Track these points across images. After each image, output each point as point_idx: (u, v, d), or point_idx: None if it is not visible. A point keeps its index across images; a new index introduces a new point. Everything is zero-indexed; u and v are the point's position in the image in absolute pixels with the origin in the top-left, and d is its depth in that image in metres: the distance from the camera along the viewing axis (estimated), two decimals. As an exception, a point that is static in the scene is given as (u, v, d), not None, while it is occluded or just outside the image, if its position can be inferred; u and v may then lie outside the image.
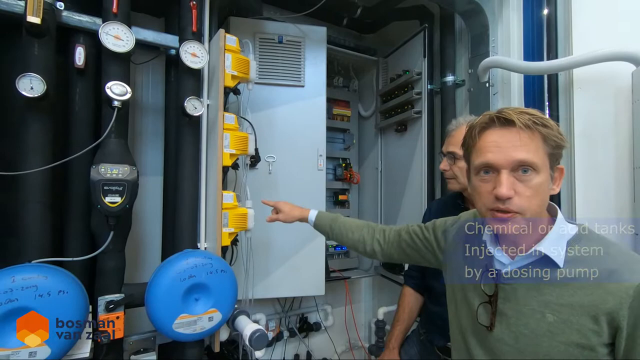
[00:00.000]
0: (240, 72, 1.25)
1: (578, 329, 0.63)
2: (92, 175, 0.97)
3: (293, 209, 1.21)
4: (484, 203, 0.69)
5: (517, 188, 0.65)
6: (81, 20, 1.10)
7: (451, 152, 1.21)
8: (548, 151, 0.66)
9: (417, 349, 1.36)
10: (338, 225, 1.11)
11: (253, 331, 1.05)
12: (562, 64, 1.35)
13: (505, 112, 0.67)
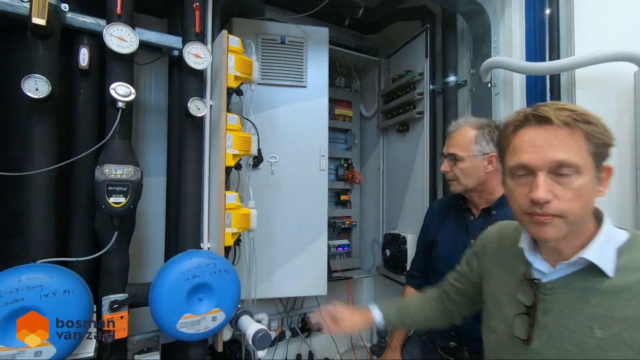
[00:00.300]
0: (243, 72, 1.25)
1: (631, 346, 0.57)
2: (96, 175, 0.98)
3: (353, 314, 1.00)
4: (519, 206, 0.64)
5: (556, 191, 0.59)
6: (85, 22, 1.10)
7: (452, 153, 1.21)
8: (592, 150, 0.60)
9: (419, 349, 1.37)
10: (405, 306, 1.02)
11: (256, 331, 1.06)
12: (564, 65, 1.35)
13: (542, 109, 0.62)
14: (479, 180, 1.18)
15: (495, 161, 1.16)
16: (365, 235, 2.29)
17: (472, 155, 1.17)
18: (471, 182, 1.19)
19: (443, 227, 1.34)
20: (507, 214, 1.16)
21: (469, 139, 1.18)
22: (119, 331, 1.02)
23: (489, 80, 1.66)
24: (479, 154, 1.17)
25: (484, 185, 1.19)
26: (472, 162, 1.17)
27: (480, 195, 1.21)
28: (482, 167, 1.17)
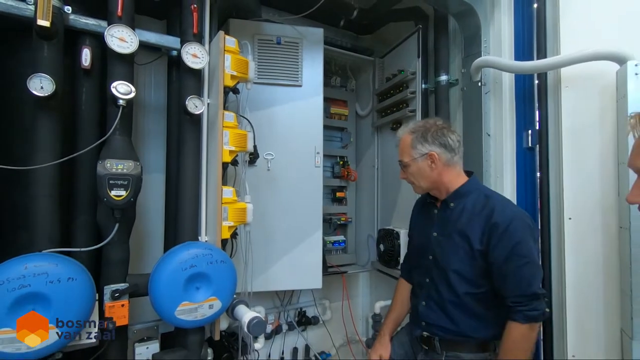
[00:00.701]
0: (239, 72, 1.30)
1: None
2: (98, 170, 1.03)
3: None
4: None
5: None
6: (87, 23, 1.15)
7: (400, 161, 1.31)
8: None
9: (409, 338, 1.43)
10: None
11: (251, 318, 1.11)
12: (549, 64, 1.40)
13: None
14: (430, 178, 1.25)
15: (436, 158, 1.22)
16: (360, 232, 2.34)
17: (414, 158, 1.25)
18: (424, 183, 1.27)
19: (417, 222, 1.45)
20: (465, 205, 1.22)
21: (407, 145, 1.26)
22: (119, 319, 1.06)
23: (479, 79, 1.71)
24: (419, 156, 1.24)
25: (439, 182, 1.26)
26: (416, 165, 1.25)
27: (439, 191, 1.28)
28: (427, 166, 1.24)
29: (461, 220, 1.20)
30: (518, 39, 1.64)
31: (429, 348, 1.26)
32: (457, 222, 1.21)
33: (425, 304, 1.28)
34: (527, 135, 1.54)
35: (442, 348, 1.22)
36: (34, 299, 0.87)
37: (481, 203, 1.19)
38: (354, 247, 2.36)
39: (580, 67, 1.38)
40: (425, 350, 1.28)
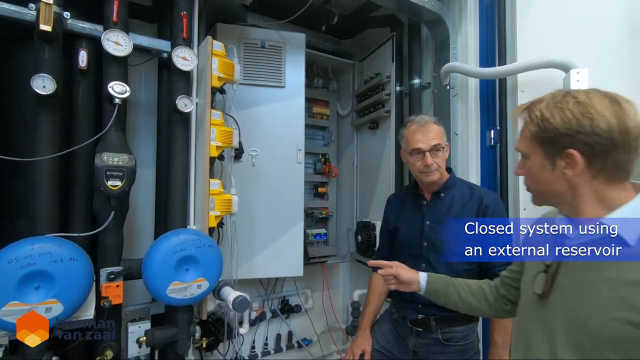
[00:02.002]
0: (225, 74, 1.42)
1: (633, 307, 0.60)
2: (96, 162, 1.13)
3: (410, 271, 1.13)
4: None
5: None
6: (84, 27, 1.25)
7: (436, 144, 1.32)
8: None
9: (390, 327, 1.49)
10: (451, 279, 1.09)
11: (236, 296, 1.23)
12: (506, 70, 1.56)
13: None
14: (443, 168, 1.37)
15: (449, 149, 1.39)
16: (341, 225, 2.48)
17: (446, 144, 1.37)
18: (443, 169, 1.37)
19: (402, 215, 1.49)
20: (453, 195, 1.36)
21: (441, 131, 1.36)
22: (115, 298, 1.17)
23: (448, 82, 1.86)
24: (446, 145, 1.37)
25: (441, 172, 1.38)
26: (444, 153, 1.36)
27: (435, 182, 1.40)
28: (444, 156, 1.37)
29: (453, 207, 1.34)
30: (482, 46, 1.80)
31: (424, 329, 1.35)
32: (449, 209, 1.34)
33: None
34: (490, 134, 1.70)
35: (438, 326, 1.32)
36: (40, 276, 0.97)
37: (468, 192, 1.35)
38: (335, 240, 2.49)
39: (534, 74, 1.54)
40: (418, 332, 1.36)
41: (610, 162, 0.66)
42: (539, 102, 0.71)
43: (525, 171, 0.76)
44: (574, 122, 0.65)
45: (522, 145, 0.75)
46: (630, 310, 0.61)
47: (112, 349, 1.19)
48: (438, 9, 1.81)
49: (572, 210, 0.72)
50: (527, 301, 0.80)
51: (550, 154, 0.70)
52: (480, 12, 1.81)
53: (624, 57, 1.47)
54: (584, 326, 0.66)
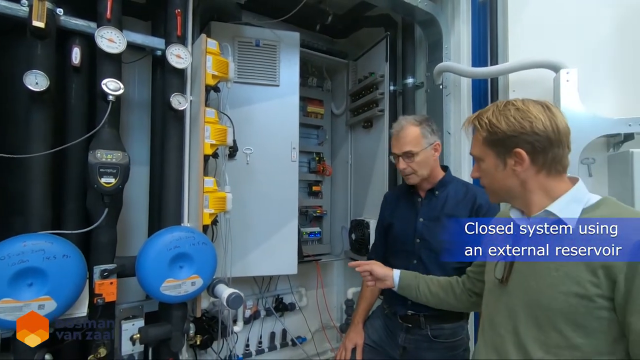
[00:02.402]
0: (220, 72, 1.42)
1: (577, 281, 0.71)
2: (89, 159, 1.13)
3: (385, 268, 1.25)
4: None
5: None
6: (77, 24, 1.24)
7: (407, 151, 1.35)
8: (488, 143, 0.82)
9: (382, 322, 1.51)
10: (422, 275, 1.21)
11: (230, 293, 1.23)
12: (497, 70, 1.58)
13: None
14: (430, 167, 1.38)
15: (439, 148, 1.39)
16: (335, 223, 2.49)
17: (424, 148, 1.35)
18: (425, 171, 1.37)
19: (397, 211, 1.52)
20: (448, 193, 1.38)
21: (417, 135, 1.35)
22: (108, 295, 1.16)
23: (441, 82, 1.88)
24: (428, 146, 1.36)
25: (432, 171, 1.39)
26: (424, 154, 1.35)
27: (427, 181, 1.41)
28: (431, 156, 1.37)
29: (448, 205, 1.35)
30: (475, 47, 1.82)
31: (413, 325, 1.37)
32: (443, 207, 1.35)
33: None
34: (482, 133, 1.72)
35: (427, 323, 1.35)
36: (32, 273, 0.97)
37: (462, 190, 1.36)
38: (329, 238, 2.50)
39: (525, 74, 1.57)
40: (407, 328, 1.38)
41: (549, 158, 0.77)
42: (485, 112, 0.83)
43: (481, 173, 0.86)
44: (517, 125, 0.77)
45: (475, 150, 0.86)
46: (573, 283, 0.71)
47: (105, 347, 1.19)
48: (431, 9, 1.83)
49: (523, 203, 0.82)
50: (490, 287, 0.90)
51: (501, 154, 0.81)
52: (472, 13, 1.84)
53: (612, 57, 1.50)
54: (539, 303, 0.76)
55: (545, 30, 1.59)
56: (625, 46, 1.49)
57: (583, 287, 0.70)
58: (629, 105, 1.43)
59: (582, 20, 1.55)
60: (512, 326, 0.81)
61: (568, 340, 0.72)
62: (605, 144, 1.48)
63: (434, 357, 1.35)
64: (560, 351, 0.73)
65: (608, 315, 0.70)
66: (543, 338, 0.75)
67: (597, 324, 0.70)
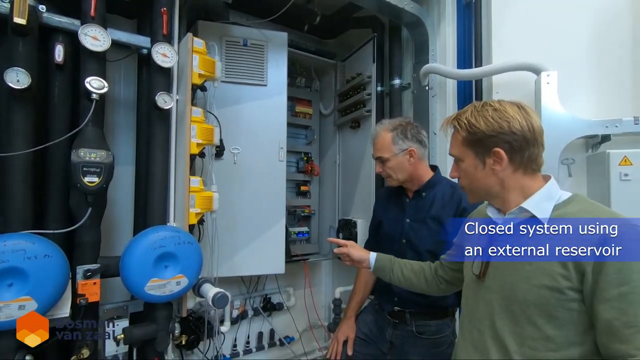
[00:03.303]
0: (206, 71, 1.41)
1: (549, 274, 0.74)
2: (72, 158, 1.11)
3: (361, 250, 1.27)
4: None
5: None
6: (61, 21, 1.23)
7: (378, 157, 1.42)
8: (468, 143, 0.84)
9: (372, 317, 1.55)
10: (397, 259, 1.23)
11: (216, 292, 1.23)
12: (481, 72, 1.62)
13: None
14: (407, 172, 1.41)
15: (415, 153, 1.39)
16: (323, 223, 2.50)
17: (395, 154, 1.39)
18: (402, 176, 1.41)
19: (387, 209, 1.56)
20: (435, 195, 1.40)
21: (387, 142, 1.39)
22: (92, 295, 1.15)
23: (427, 83, 1.91)
24: (400, 152, 1.39)
25: (414, 174, 1.42)
26: (396, 160, 1.39)
27: (412, 182, 1.44)
28: (406, 161, 1.40)
29: (434, 207, 1.37)
30: (460, 49, 1.86)
31: (399, 321, 1.41)
32: (430, 209, 1.38)
33: None
34: (466, 134, 1.75)
35: (412, 319, 1.38)
36: (13, 273, 0.95)
37: (449, 192, 1.38)
38: (317, 238, 2.51)
39: (508, 76, 1.61)
40: (394, 324, 1.42)
41: (526, 156, 0.80)
42: (463, 112, 0.85)
43: (460, 172, 0.88)
44: (496, 125, 0.79)
45: (455, 150, 0.88)
46: (545, 276, 0.75)
47: (88, 348, 1.17)
48: (417, 11, 1.85)
49: (500, 201, 0.85)
50: (469, 282, 0.92)
51: (480, 154, 0.83)
52: (457, 16, 1.87)
53: (591, 61, 1.54)
54: (514, 296, 0.79)
55: (527, 34, 1.63)
56: (603, 50, 1.54)
57: (554, 279, 0.73)
58: (606, 108, 1.47)
59: (563, 24, 1.59)
60: (489, 320, 0.83)
61: (542, 332, 0.75)
62: (584, 144, 1.52)
63: (419, 353, 1.38)
64: (534, 343, 0.76)
65: (578, 307, 0.73)
66: (518, 331, 0.78)
67: (568, 315, 0.73)
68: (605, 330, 0.70)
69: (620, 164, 1.31)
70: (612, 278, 0.68)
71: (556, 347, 0.74)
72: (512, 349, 0.78)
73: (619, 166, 1.31)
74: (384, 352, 1.47)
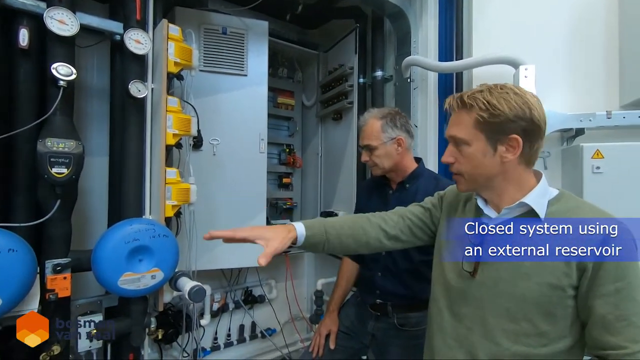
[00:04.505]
0: (182, 59, 1.37)
1: (552, 272, 0.72)
2: (38, 148, 1.06)
3: (276, 232, 0.93)
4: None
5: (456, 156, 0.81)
6: (25, 4, 1.16)
7: (367, 144, 1.40)
8: (481, 126, 0.76)
9: (354, 310, 1.55)
10: (331, 224, 0.96)
11: (192, 286, 1.21)
12: (461, 65, 1.62)
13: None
14: (394, 161, 1.40)
15: (403, 142, 1.39)
16: (305, 215, 2.49)
17: (383, 142, 1.38)
18: (388, 164, 1.40)
19: (370, 200, 1.55)
20: (418, 186, 1.40)
21: (377, 129, 1.38)
22: (62, 290, 1.12)
23: (409, 76, 1.91)
24: (388, 140, 1.38)
25: (400, 164, 1.41)
26: (384, 148, 1.38)
27: (396, 173, 1.44)
28: (394, 150, 1.39)
29: (417, 198, 1.34)
30: (441, 41, 1.85)
31: (381, 314, 1.41)
32: (413, 200, 1.36)
33: (381, 275, 1.41)
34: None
35: (394, 311, 1.39)
36: (-25, 268, 0.91)
37: (432, 184, 1.37)
38: (300, 230, 2.50)
39: (487, 69, 1.61)
40: (376, 317, 1.43)
41: (534, 148, 0.76)
42: (479, 92, 0.76)
43: (462, 158, 0.79)
44: (519, 110, 0.73)
45: (461, 131, 0.78)
46: (548, 273, 0.73)
47: (59, 344, 1.14)
48: (400, 2, 1.84)
49: (496, 194, 0.80)
50: (454, 279, 0.86)
51: (493, 139, 0.75)
52: (439, 9, 1.86)
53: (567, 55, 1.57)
54: (512, 293, 0.76)
55: (507, 28, 1.65)
56: (578, 45, 1.56)
57: (557, 277, 0.72)
58: (581, 102, 1.50)
59: (541, 19, 1.61)
60: (480, 317, 0.80)
61: (537, 328, 0.74)
62: (559, 138, 1.55)
63: (400, 345, 1.40)
64: (528, 339, 0.75)
65: (572, 303, 0.73)
66: (513, 328, 0.76)
67: (564, 311, 0.73)
68: (599, 324, 0.70)
69: (593, 157, 1.34)
70: (610, 274, 0.69)
71: (548, 341, 0.74)
72: (505, 345, 0.76)
73: (591, 159, 1.34)
74: (365, 344, 1.48)
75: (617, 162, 1.33)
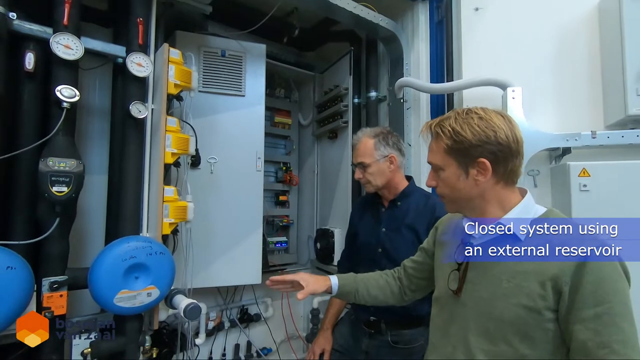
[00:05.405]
0: (182, 81, 1.42)
1: (527, 293, 0.71)
2: (40, 167, 1.09)
3: (317, 278, 1.10)
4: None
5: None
6: (32, 29, 1.21)
7: (360, 162, 1.44)
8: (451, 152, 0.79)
9: (348, 328, 1.56)
10: (360, 277, 1.12)
11: (187, 304, 1.21)
12: (451, 86, 1.68)
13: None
14: (386, 178, 1.44)
15: (395, 160, 1.43)
16: (301, 233, 2.51)
17: (376, 159, 1.42)
18: (380, 181, 1.44)
19: (363, 219, 1.58)
20: (410, 204, 1.43)
21: (370, 147, 1.42)
22: (57, 308, 1.12)
23: (402, 96, 1.97)
24: (381, 158, 1.42)
25: (391, 182, 1.45)
26: (377, 165, 1.42)
27: (388, 191, 1.47)
28: (387, 167, 1.43)
29: (408, 216, 1.39)
30: (433, 64, 1.93)
31: (375, 331, 1.42)
32: (404, 218, 1.40)
33: None
34: (439, 146, 1.81)
35: (387, 329, 1.39)
36: (-27, 285, 0.92)
37: (423, 202, 1.41)
38: (296, 247, 2.52)
39: (476, 91, 1.68)
40: (370, 334, 1.43)
41: (509, 168, 0.78)
42: (446, 119, 0.80)
43: (439, 181, 0.84)
44: (482, 134, 0.76)
45: (436, 158, 0.82)
46: (524, 295, 0.72)
47: (53, 364, 1.14)
48: (392, 27, 1.92)
49: (478, 213, 0.82)
50: (444, 296, 0.89)
51: (463, 163, 0.79)
52: (430, 33, 1.95)
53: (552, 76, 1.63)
54: (490, 314, 0.76)
55: (495, 51, 1.72)
56: (563, 67, 1.63)
57: (533, 300, 0.71)
58: (567, 122, 1.56)
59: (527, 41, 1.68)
60: (462, 337, 0.81)
61: (517, 351, 0.73)
62: (547, 157, 1.59)
63: None
64: None
65: (553, 327, 0.71)
66: (492, 349, 0.76)
67: (544, 335, 0.72)
68: (580, 350, 0.68)
69: (580, 175, 1.38)
70: (588, 298, 0.67)
71: None
72: None
73: (578, 177, 1.38)
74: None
75: (603, 180, 1.37)
